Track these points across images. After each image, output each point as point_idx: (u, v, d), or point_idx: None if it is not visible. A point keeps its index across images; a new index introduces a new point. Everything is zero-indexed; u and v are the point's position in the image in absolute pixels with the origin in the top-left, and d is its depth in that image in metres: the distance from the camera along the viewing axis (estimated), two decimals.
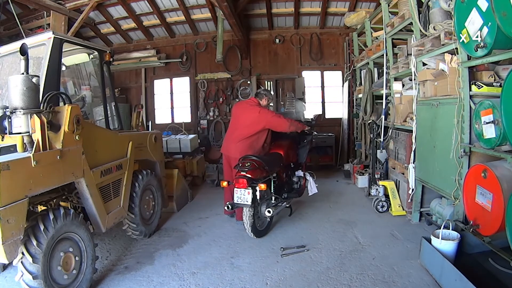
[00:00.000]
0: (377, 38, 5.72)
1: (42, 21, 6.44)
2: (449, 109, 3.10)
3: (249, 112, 4.10)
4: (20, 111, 2.34)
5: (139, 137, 3.97)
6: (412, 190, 3.98)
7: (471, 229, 2.65)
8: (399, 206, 4.31)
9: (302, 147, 4.66)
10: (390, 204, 4.38)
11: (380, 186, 4.50)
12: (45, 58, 2.77)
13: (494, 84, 2.76)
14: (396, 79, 4.70)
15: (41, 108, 2.43)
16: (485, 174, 2.43)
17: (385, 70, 4.99)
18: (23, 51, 2.38)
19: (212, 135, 8.39)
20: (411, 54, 4.00)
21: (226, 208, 3.55)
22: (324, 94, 8.47)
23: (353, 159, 6.97)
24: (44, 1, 5.65)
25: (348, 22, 6.79)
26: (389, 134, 4.74)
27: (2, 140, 2.54)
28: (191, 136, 6.56)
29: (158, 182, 4.19)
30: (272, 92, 4.43)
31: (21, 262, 2.23)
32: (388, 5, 4.91)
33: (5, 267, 3.09)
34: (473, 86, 2.84)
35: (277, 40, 8.22)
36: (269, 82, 8.28)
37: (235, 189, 3.51)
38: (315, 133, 6.35)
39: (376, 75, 5.81)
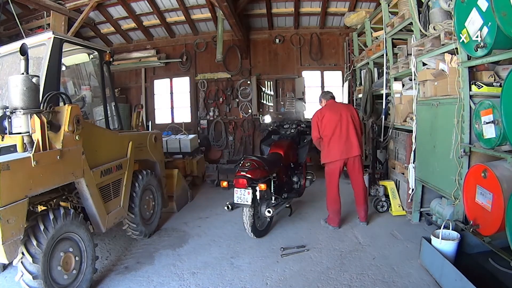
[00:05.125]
0: (377, 38, 5.72)
1: (42, 21, 6.45)
2: (449, 109, 3.10)
3: (345, 110, 3.95)
4: (20, 111, 2.35)
5: (139, 137, 3.97)
6: (412, 190, 3.98)
7: (471, 229, 2.65)
8: (399, 206, 4.31)
9: (302, 147, 4.66)
10: (390, 204, 4.38)
11: (380, 186, 4.50)
12: (45, 58, 2.77)
13: (494, 84, 2.77)
14: (396, 79, 4.70)
15: (41, 108, 2.43)
16: (485, 174, 2.43)
17: (385, 70, 4.99)
18: (23, 51, 2.38)
19: (212, 135, 8.39)
20: (411, 54, 4.00)
21: (226, 208, 3.54)
22: None
23: None
24: (44, 1, 5.66)
25: (348, 22, 6.79)
26: (389, 134, 4.73)
27: (2, 140, 2.54)
28: (191, 136, 6.56)
29: (158, 182, 4.19)
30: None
31: (21, 262, 2.23)
32: (388, 5, 4.91)
33: (5, 267, 3.09)
34: (473, 86, 2.84)
35: (277, 40, 8.22)
36: (269, 82, 8.29)
37: (235, 189, 3.51)
38: None
39: (376, 75, 5.81)
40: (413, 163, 3.94)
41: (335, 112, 3.92)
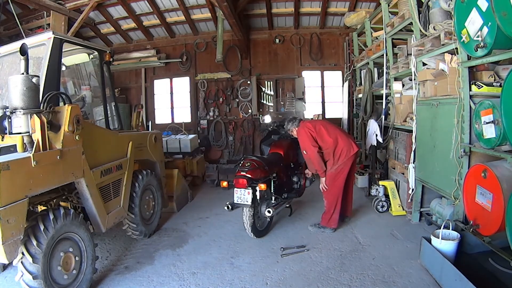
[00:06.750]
0: (377, 38, 5.72)
1: (42, 21, 6.44)
2: (449, 109, 3.10)
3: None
4: (20, 111, 2.35)
5: (139, 137, 3.97)
6: (412, 190, 3.98)
7: (471, 229, 2.65)
8: (399, 206, 4.31)
9: None
10: (390, 204, 4.38)
11: (380, 186, 4.50)
12: (45, 58, 2.77)
13: (494, 84, 2.77)
14: (396, 79, 4.70)
15: (41, 108, 2.43)
16: (485, 174, 2.43)
17: (385, 70, 4.99)
18: (23, 51, 2.38)
19: (212, 135, 8.39)
20: (411, 54, 4.00)
21: (226, 208, 3.54)
22: (324, 94, 8.48)
23: None
24: (44, 1, 5.65)
25: (348, 22, 6.79)
26: (389, 134, 4.74)
27: (2, 140, 2.54)
28: (191, 136, 6.56)
29: (158, 182, 4.19)
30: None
31: (21, 262, 2.23)
32: (388, 5, 4.91)
33: (5, 267, 3.09)
34: (473, 86, 2.84)
35: (277, 40, 8.22)
36: (269, 82, 8.28)
37: (235, 189, 3.51)
38: None
39: (376, 75, 5.81)
40: (413, 163, 3.94)
41: (321, 122, 4.05)
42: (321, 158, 3.77)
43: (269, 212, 3.53)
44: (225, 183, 3.90)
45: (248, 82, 8.21)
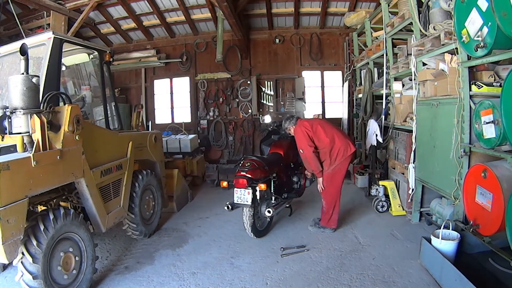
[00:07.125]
0: (377, 38, 5.72)
1: (42, 21, 6.45)
2: (449, 109, 3.10)
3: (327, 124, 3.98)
4: (20, 111, 2.35)
5: (139, 137, 3.97)
6: (412, 190, 3.98)
7: (471, 229, 2.65)
8: (399, 206, 4.31)
9: None
10: (390, 204, 4.38)
11: (380, 186, 4.49)
12: (45, 58, 2.77)
13: (494, 84, 2.77)
14: (396, 79, 4.70)
15: (41, 108, 2.43)
16: (485, 174, 2.43)
17: (385, 70, 4.99)
18: (23, 51, 2.38)
19: (212, 135, 8.39)
20: (411, 54, 4.00)
21: (226, 208, 3.54)
22: (324, 94, 8.48)
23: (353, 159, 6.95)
24: (44, 1, 5.66)
25: (348, 22, 6.79)
26: (389, 134, 4.74)
27: (2, 140, 2.54)
28: (191, 136, 6.56)
29: (158, 182, 4.19)
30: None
31: (21, 262, 2.23)
32: (388, 5, 4.91)
33: (5, 267, 3.09)
34: (473, 86, 2.84)
35: (277, 40, 8.22)
36: (269, 82, 8.29)
37: (235, 189, 3.51)
38: None
39: (376, 75, 5.81)
40: (413, 163, 3.94)
41: (318, 121, 3.96)
42: (317, 158, 3.77)
43: (269, 212, 3.53)
44: (225, 183, 3.90)
45: (248, 82, 8.21)
